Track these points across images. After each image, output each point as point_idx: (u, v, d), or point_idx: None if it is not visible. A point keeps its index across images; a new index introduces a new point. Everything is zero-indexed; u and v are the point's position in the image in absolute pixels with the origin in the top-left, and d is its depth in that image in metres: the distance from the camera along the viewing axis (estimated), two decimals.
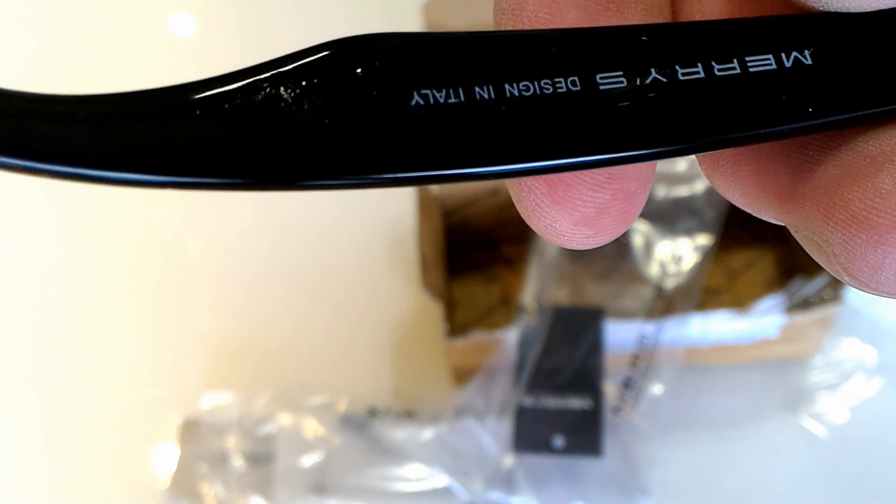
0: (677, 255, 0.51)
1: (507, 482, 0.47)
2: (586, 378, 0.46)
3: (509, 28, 0.16)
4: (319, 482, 0.48)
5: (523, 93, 0.14)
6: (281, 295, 0.56)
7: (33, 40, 0.68)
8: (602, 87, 0.14)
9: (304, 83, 0.13)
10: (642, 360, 0.48)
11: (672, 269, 0.51)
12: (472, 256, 0.55)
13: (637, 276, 0.51)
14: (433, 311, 0.53)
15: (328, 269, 0.57)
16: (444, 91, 0.14)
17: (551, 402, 0.46)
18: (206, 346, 0.54)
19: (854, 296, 0.51)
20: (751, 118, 0.14)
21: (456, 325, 0.53)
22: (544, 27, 0.15)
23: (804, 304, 0.49)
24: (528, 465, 0.47)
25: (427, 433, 0.48)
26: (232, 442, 0.49)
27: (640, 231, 0.52)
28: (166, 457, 0.51)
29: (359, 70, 0.14)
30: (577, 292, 0.52)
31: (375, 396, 0.51)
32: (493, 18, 0.16)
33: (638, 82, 0.14)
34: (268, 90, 0.13)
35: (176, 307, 0.57)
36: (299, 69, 0.13)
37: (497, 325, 0.51)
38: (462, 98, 0.14)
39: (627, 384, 0.48)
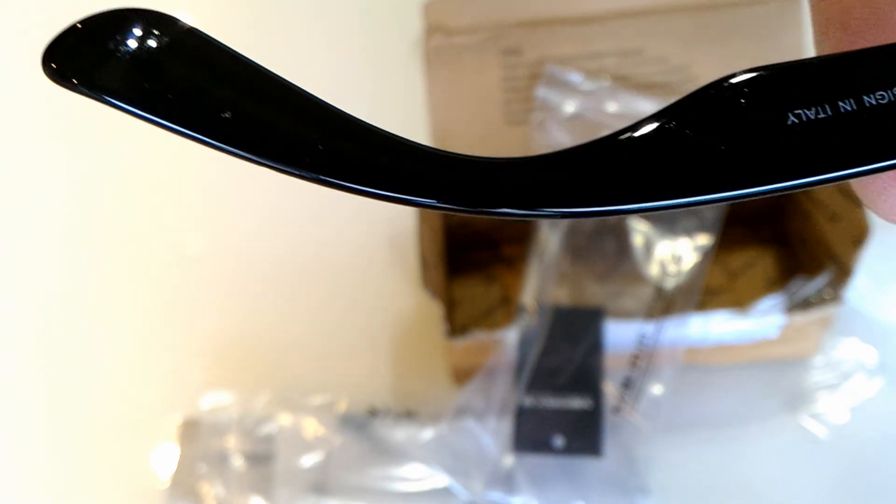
0: (677, 255, 0.51)
1: (507, 482, 0.47)
2: (586, 378, 0.46)
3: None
4: (319, 482, 0.48)
5: (879, 101, 0.16)
6: (281, 295, 0.56)
7: (33, 40, 0.68)
8: None
9: (697, 116, 0.17)
10: (642, 360, 0.48)
11: (672, 269, 0.50)
12: (472, 256, 0.55)
13: (637, 276, 0.51)
14: (433, 311, 0.53)
15: (328, 269, 0.57)
16: (813, 109, 0.16)
17: (551, 402, 0.46)
18: (206, 346, 0.54)
19: (854, 296, 0.52)
20: None
21: (456, 325, 0.53)
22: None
23: (804, 304, 0.48)
24: (528, 465, 0.47)
25: (427, 433, 0.48)
26: (232, 442, 0.49)
27: (640, 231, 0.52)
28: (166, 457, 0.51)
29: (742, 101, 0.16)
30: (577, 292, 0.52)
31: (375, 396, 0.51)
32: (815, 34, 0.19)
33: None
34: (672, 125, 0.17)
35: (176, 307, 0.57)
36: (690, 103, 0.17)
37: (497, 325, 0.51)
38: (829, 112, 0.16)
39: (627, 384, 0.48)
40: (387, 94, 0.62)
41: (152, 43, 0.17)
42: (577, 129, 0.50)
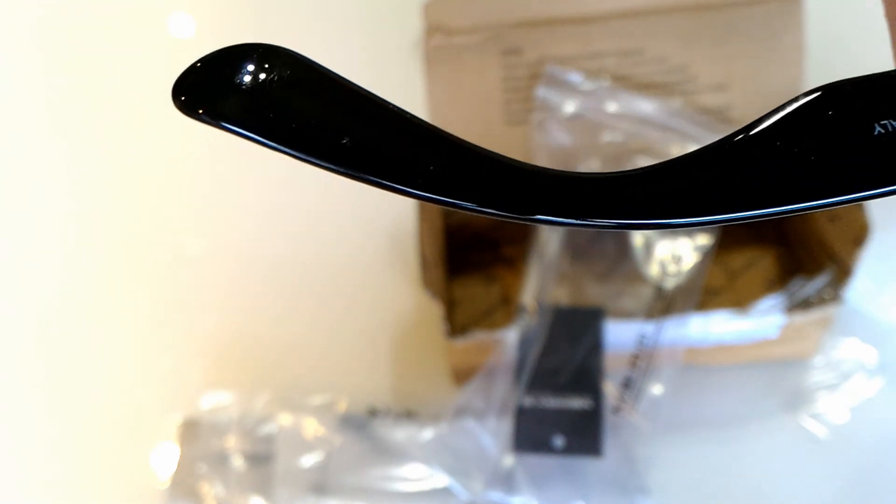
0: (677, 255, 0.51)
1: (507, 482, 0.47)
2: (586, 378, 0.46)
3: None
4: (319, 482, 0.48)
5: None
6: (281, 295, 0.56)
7: (33, 40, 0.68)
8: None
9: (794, 127, 0.18)
10: (642, 360, 0.48)
11: (672, 269, 0.51)
12: (472, 256, 0.55)
13: (637, 276, 0.51)
14: (433, 311, 0.53)
15: (328, 269, 0.57)
16: None
17: (551, 402, 0.46)
18: (206, 346, 0.54)
19: (854, 296, 0.52)
20: None
21: (456, 325, 0.53)
22: None
23: (804, 304, 0.49)
24: (528, 465, 0.47)
25: (427, 433, 0.48)
26: (232, 442, 0.49)
27: (640, 231, 0.52)
28: (166, 457, 0.51)
29: (829, 112, 0.18)
30: (577, 292, 0.52)
31: (375, 396, 0.51)
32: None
33: None
34: (764, 137, 0.18)
35: (176, 307, 0.57)
36: (791, 117, 0.18)
37: (497, 325, 0.51)
38: None
39: (627, 384, 0.48)
40: (387, 94, 0.62)
41: (271, 75, 0.18)
42: (577, 129, 0.50)
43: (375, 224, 0.58)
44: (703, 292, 0.50)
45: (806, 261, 0.52)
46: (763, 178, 0.18)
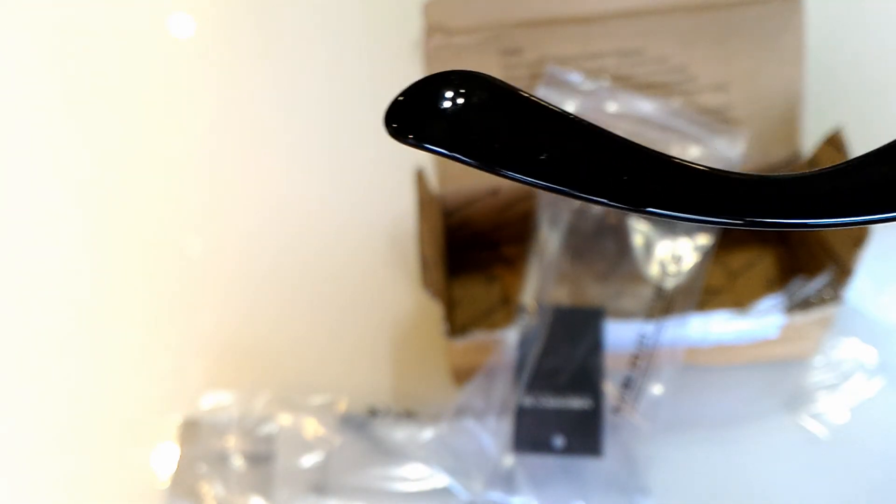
0: (677, 255, 0.51)
1: (507, 482, 0.47)
2: (586, 378, 0.46)
3: None
4: (319, 482, 0.48)
5: None
6: (281, 295, 0.56)
7: (33, 40, 0.68)
8: None
9: None
10: (642, 360, 0.48)
11: (672, 269, 0.51)
12: (472, 256, 0.55)
13: (637, 276, 0.51)
14: (433, 311, 0.53)
15: (328, 270, 0.57)
16: None
17: (551, 402, 0.46)
18: (206, 346, 0.54)
19: (854, 296, 0.52)
20: None
21: (456, 325, 0.53)
22: None
23: (804, 304, 0.49)
24: (528, 465, 0.47)
25: (427, 433, 0.48)
26: (232, 442, 0.49)
27: (640, 231, 0.52)
28: (166, 457, 0.51)
29: None
30: (577, 292, 0.52)
31: (375, 396, 0.51)
32: None
33: None
34: None
35: (176, 307, 0.57)
36: None
37: (497, 325, 0.51)
38: None
39: (627, 384, 0.48)
40: (387, 95, 0.62)
41: (469, 98, 0.19)
42: None
43: (375, 224, 0.58)
44: (703, 292, 0.50)
45: (806, 261, 0.52)
46: None
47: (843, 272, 0.48)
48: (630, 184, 0.19)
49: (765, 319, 0.48)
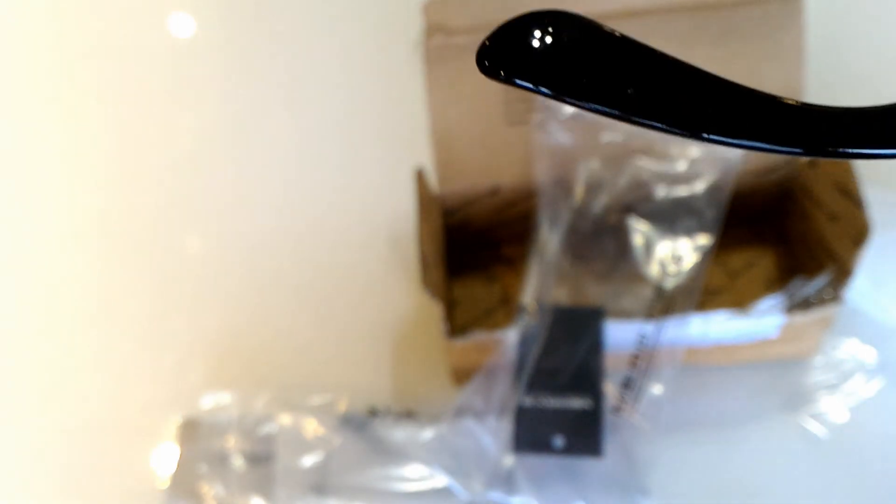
0: (677, 255, 0.51)
1: (507, 482, 0.47)
2: (586, 378, 0.46)
3: None
4: (319, 482, 0.48)
5: None
6: (281, 295, 0.56)
7: (33, 40, 0.68)
8: None
9: None
10: (642, 360, 0.48)
11: (672, 269, 0.51)
12: (472, 256, 0.55)
13: (637, 276, 0.51)
14: (433, 311, 0.53)
15: (328, 270, 0.57)
16: None
17: (551, 402, 0.46)
18: (206, 346, 0.54)
19: (854, 296, 0.51)
20: None
21: (456, 325, 0.53)
22: None
23: (804, 304, 0.48)
24: (528, 465, 0.47)
25: (427, 433, 0.48)
26: (232, 442, 0.49)
27: (640, 231, 0.52)
28: (166, 457, 0.51)
29: None
30: (577, 292, 0.52)
31: (375, 396, 0.51)
32: None
33: None
34: None
35: (176, 307, 0.57)
36: None
37: (497, 325, 0.51)
38: None
39: (627, 384, 0.48)
40: (387, 94, 0.62)
41: (563, 37, 0.20)
42: (576, 129, 0.50)
43: (375, 224, 0.58)
44: (703, 292, 0.50)
45: (806, 261, 0.52)
46: None
47: (843, 272, 0.48)
48: (720, 116, 0.20)
49: (765, 319, 0.48)
